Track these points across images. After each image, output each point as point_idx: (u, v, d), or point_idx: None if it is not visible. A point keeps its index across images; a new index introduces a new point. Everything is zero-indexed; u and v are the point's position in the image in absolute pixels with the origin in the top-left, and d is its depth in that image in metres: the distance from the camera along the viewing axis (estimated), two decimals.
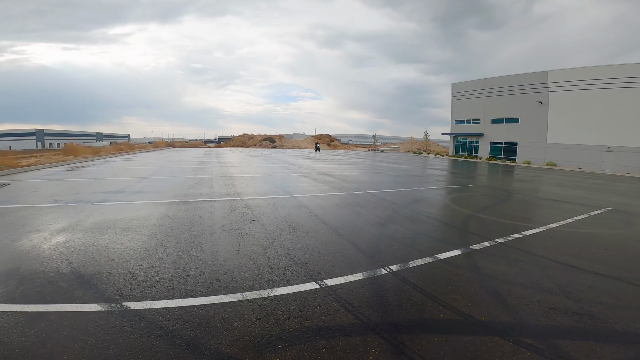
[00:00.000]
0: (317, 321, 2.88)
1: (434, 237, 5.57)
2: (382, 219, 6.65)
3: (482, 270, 4.18)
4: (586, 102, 29.78)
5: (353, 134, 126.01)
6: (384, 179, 13.95)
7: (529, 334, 2.76)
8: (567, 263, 4.51)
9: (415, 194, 10.03)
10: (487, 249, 5.01)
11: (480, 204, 8.95)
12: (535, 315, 3.08)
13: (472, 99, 41.27)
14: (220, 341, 2.55)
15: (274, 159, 24.66)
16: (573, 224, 6.86)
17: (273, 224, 6.06)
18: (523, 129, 35.38)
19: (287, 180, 12.32)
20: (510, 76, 36.91)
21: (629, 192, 13.16)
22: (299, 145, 59.65)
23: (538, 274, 4.11)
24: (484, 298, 3.42)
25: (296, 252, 4.59)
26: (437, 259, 4.51)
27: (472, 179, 15.30)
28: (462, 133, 42.93)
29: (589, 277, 4.06)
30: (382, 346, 2.56)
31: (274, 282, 3.62)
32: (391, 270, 4.08)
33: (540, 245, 5.29)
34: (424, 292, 3.51)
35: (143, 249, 4.56)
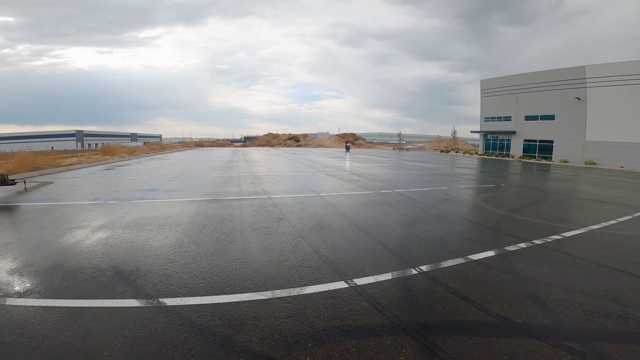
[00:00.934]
0: (347, 320, 2.86)
1: (465, 238, 5.42)
2: (411, 219, 6.55)
3: (519, 272, 4.02)
4: (627, 97, 27.86)
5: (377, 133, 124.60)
6: (411, 178, 13.71)
7: (570, 337, 2.64)
8: (610, 265, 4.26)
9: (444, 193, 9.78)
10: (523, 250, 4.81)
11: (514, 203, 8.60)
12: (576, 318, 2.94)
13: (503, 95, 39.69)
14: (251, 339, 2.58)
15: (299, 157, 24.85)
16: (616, 225, 6.45)
17: (301, 222, 6.11)
18: (559, 126, 33.63)
19: (313, 178, 12.39)
20: (544, 72, 35.16)
21: None
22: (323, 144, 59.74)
23: (579, 276, 3.91)
24: (520, 300, 3.29)
25: (324, 251, 4.60)
26: (470, 260, 4.38)
27: (504, 178, 14.72)
28: (493, 131, 41.40)
29: (634, 280, 3.83)
30: (414, 347, 2.51)
31: (304, 281, 3.63)
32: (421, 270, 4.00)
33: (581, 247, 5.01)
34: (456, 293, 3.42)
35: (177, 246, 4.73)
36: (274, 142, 58.13)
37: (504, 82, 39.77)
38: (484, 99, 42.81)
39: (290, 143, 56.62)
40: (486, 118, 42.73)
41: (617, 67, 28.92)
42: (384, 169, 17.10)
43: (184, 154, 31.41)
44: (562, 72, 33.36)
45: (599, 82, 30.07)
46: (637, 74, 27.44)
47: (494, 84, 41.22)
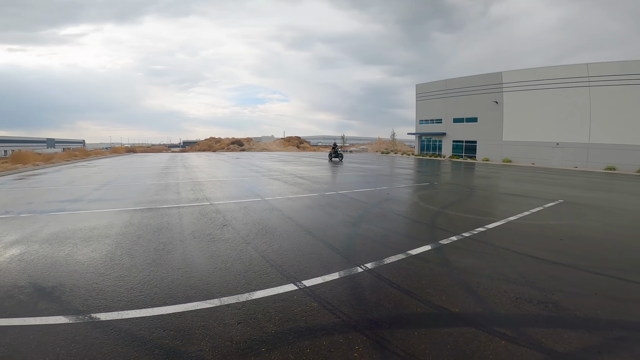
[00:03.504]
0: (299, 322, 2.89)
1: (405, 234, 5.74)
2: (354, 219, 6.76)
3: (452, 264, 4.37)
4: (536, 100, 32.04)
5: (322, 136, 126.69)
6: (353, 179, 14.17)
7: (501, 323, 2.92)
8: (527, 254, 4.81)
9: (384, 193, 10.28)
10: (455, 243, 5.24)
11: (445, 200, 9.35)
12: (504, 305, 3.26)
13: (435, 99, 43.00)
14: (201, 348, 2.50)
15: (243, 162, 24.24)
16: (530, 216, 7.35)
17: (246, 227, 5.97)
18: (481, 128, 37.38)
19: (257, 183, 12.17)
20: (469, 77, 38.88)
21: (578, 184, 14.31)
22: (268, 148, 59.04)
23: (503, 265, 4.35)
24: (455, 290, 3.58)
25: (271, 255, 4.56)
26: (409, 255, 4.66)
27: (436, 177, 15.93)
28: (427, 132, 44.57)
29: (548, 266, 4.35)
30: (365, 343, 2.61)
31: (252, 286, 3.58)
32: (367, 268, 4.16)
33: (503, 238, 5.61)
34: (399, 288, 3.61)
35: (108, 259, 4.33)
36: (216, 147, 55.86)
37: (435, 86, 43.13)
38: (418, 103, 45.93)
39: (234, 147, 54.89)
40: (421, 120, 45.88)
41: (528, 73, 33.09)
42: (328, 171, 17.45)
43: (113, 160, 28.71)
44: (483, 77, 37.20)
45: (513, 87, 34.10)
46: (543, 79, 31.68)
47: (427, 88, 44.48)
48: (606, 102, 27.95)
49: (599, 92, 28.27)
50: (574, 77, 29.60)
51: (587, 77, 28.83)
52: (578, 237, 5.83)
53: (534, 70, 32.64)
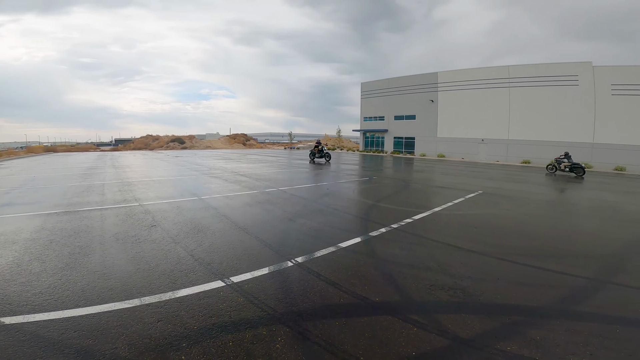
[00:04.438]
0: (223, 317, 2.91)
1: (338, 228, 5.95)
2: (291, 214, 6.83)
3: (378, 255, 4.64)
4: (466, 99, 34.98)
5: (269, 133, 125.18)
6: (297, 175, 14.26)
7: (415, 311, 3.15)
8: (445, 242, 5.26)
9: (325, 188, 10.51)
10: (384, 235, 5.57)
11: (381, 194, 9.84)
12: (419, 293, 3.52)
13: (378, 97, 44.82)
14: (116, 346, 2.48)
15: (183, 160, 23.03)
16: (452, 207, 8.05)
17: (176, 227, 5.74)
18: (419, 125, 39.84)
19: (196, 182, 11.68)
20: (409, 77, 41.16)
21: (497, 177, 15.97)
22: (212, 145, 56.68)
23: (423, 254, 4.71)
24: (378, 280, 3.80)
25: (201, 254, 4.47)
26: (340, 248, 4.85)
27: (376, 172, 16.67)
28: (370, 129, 46.29)
29: (462, 254, 4.77)
30: (288, 334, 2.70)
31: (176, 285, 3.52)
32: (297, 262, 4.26)
33: (426, 228, 6.08)
34: (326, 280, 3.76)
35: (14, 265, 3.98)
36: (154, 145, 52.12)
37: (379, 85, 44.93)
38: (363, 100, 47.49)
39: (174, 145, 51.70)
40: (365, 118, 47.52)
41: (458, 74, 35.93)
42: (272, 168, 17.33)
43: (29, 161, 25.47)
44: (421, 77, 39.62)
45: (447, 87, 36.81)
46: (471, 80, 34.64)
47: (371, 86, 46.14)
48: (522, 101, 31.50)
49: (517, 92, 31.75)
50: (497, 79, 32.84)
51: (507, 79, 32.16)
52: (490, 225, 6.53)
53: (464, 71, 35.56)
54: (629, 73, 26.46)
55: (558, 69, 29.57)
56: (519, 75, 31.55)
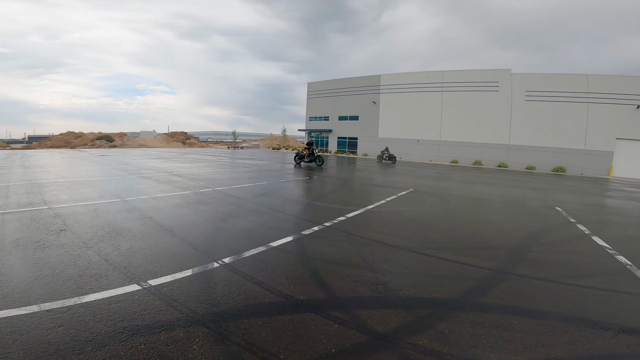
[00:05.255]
0: (136, 321, 2.76)
1: (271, 227, 5.87)
2: (224, 215, 6.59)
3: (308, 253, 4.65)
4: (404, 102, 37.06)
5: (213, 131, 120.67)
6: (236, 175, 13.84)
7: (338, 307, 3.18)
8: (373, 239, 5.46)
9: (263, 187, 10.34)
10: (316, 233, 5.61)
11: (318, 192, 9.96)
12: (343, 289, 3.57)
13: (324, 97, 45.47)
14: (10, 351, 2.31)
15: (109, 160, 21.04)
16: (384, 204, 8.43)
17: (90, 231, 5.20)
18: (362, 126, 41.25)
19: (121, 183, 10.72)
20: (354, 78, 42.37)
21: (428, 175, 17.15)
22: (147, 144, 52.62)
23: (351, 251, 4.82)
24: (305, 278, 3.80)
25: (116, 258, 4.13)
26: (270, 247, 4.78)
27: (317, 171, 16.87)
28: (315, 129, 46.79)
29: (386, 249, 4.97)
30: (207, 335, 2.61)
31: (84, 290, 3.26)
32: (223, 262, 4.12)
33: (357, 225, 6.27)
34: (252, 280, 3.67)
35: None
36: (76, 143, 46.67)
37: (325, 85, 45.58)
38: (309, 100, 47.82)
39: (101, 144, 46.88)
40: (310, 117, 47.92)
41: (399, 77, 37.89)
42: (211, 168, 16.62)
43: None
44: (364, 79, 41.01)
45: (388, 89, 38.58)
46: (409, 83, 36.74)
47: (318, 87, 46.62)
48: (452, 105, 34.25)
49: (448, 96, 34.43)
50: (432, 83, 35.27)
51: (441, 83, 34.71)
52: (415, 220, 6.95)
53: (404, 74, 37.62)
54: (540, 80, 30.22)
55: (482, 75, 32.68)
56: (450, 80, 34.25)
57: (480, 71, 32.96)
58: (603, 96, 28.12)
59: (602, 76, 28.40)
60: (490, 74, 32.34)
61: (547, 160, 29.76)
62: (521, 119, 30.99)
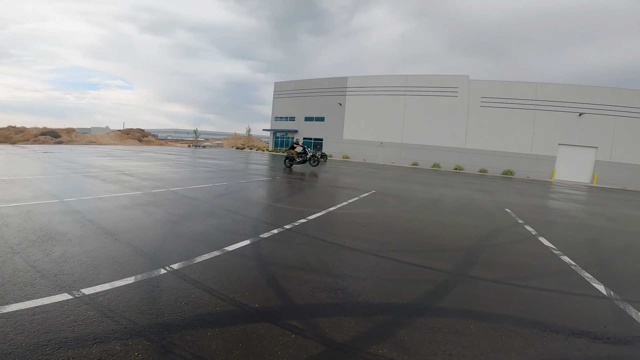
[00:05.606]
0: (64, 333, 2.48)
1: (228, 230, 5.57)
2: (177, 217, 6.18)
3: (266, 258, 4.43)
4: (369, 104, 37.78)
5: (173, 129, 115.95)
6: (194, 175, 13.22)
7: (295, 316, 3.01)
8: (333, 242, 5.34)
9: (222, 188, 9.92)
10: (275, 236, 5.40)
11: (280, 194, 9.74)
12: (301, 296, 3.39)
13: (291, 98, 45.19)
14: None
15: (53, 157, 19.26)
16: (346, 206, 8.40)
17: (19, 235, 4.61)
18: (327, 127, 41.49)
19: (62, 182, 9.78)
20: (321, 79, 42.50)
21: (390, 177, 17.52)
22: (98, 141, 49.03)
23: (310, 254, 4.66)
24: (261, 285, 3.58)
25: (47, 264, 3.69)
26: (225, 252, 4.50)
27: (281, 172, 16.61)
28: (281, 129, 46.37)
29: (347, 252, 4.86)
30: (148, 348, 2.37)
31: (4, 300, 2.90)
32: (172, 269, 3.80)
33: (319, 228, 6.14)
34: (203, 287, 3.40)
35: None
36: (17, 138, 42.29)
37: (292, 85, 45.29)
38: (276, 100, 47.27)
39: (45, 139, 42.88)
40: (276, 117, 47.39)
41: (365, 80, 38.52)
42: (167, 167, 15.76)
43: None
44: (332, 80, 41.25)
45: (354, 91, 39.08)
46: (374, 86, 37.47)
47: (285, 87, 46.20)
48: (415, 108, 35.44)
49: (411, 100, 35.58)
50: (396, 86, 36.26)
51: (405, 87, 35.78)
52: (376, 222, 6.96)
53: (370, 77, 38.33)
54: (494, 87, 32.13)
55: (443, 81, 34.17)
56: (413, 84, 35.46)
57: (441, 77, 34.46)
58: (549, 104, 30.52)
59: (549, 84, 30.83)
60: (450, 79, 33.91)
61: (498, 164, 31.70)
62: (477, 124, 32.78)
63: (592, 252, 5.91)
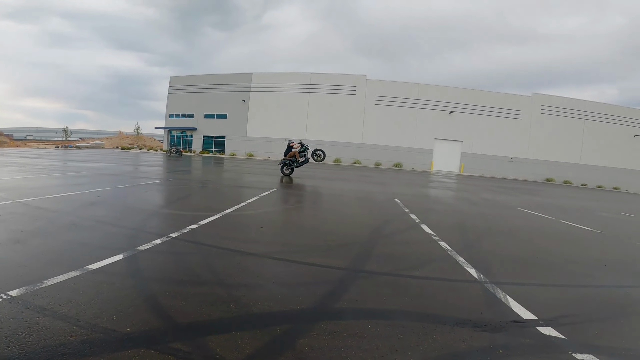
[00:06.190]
0: None
1: (95, 245, 4.61)
2: (24, 234, 4.88)
3: (143, 273, 3.77)
4: (274, 101, 37.57)
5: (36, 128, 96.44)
6: (58, 181, 10.95)
7: (179, 337, 2.57)
8: (227, 247, 4.89)
9: (94, 196, 8.39)
10: (157, 247, 4.69)
11: (170, 198, 8.77)
12: (187, 314, 2.93)
13: (190, 93, 41.82)
14: None
15: None
16: (245, 206, 7.98)
17: None
18: (230, 124, 39.81)
19: None
20: (224, 75, 40.31)
21: (294, 173, 17.60)
22: None
23: (199, 264, 4.16)
24: (135, 305, 2.98)
25: None
26: (87, 271, 3.66)
27: (176, 173, 15.12)
28: (178, 127, 42.69)
29: (241, 258, 4.47)
30: None
31: None
32: (9, 296, 2.96)
33: (211, 233, 5.59)
34: (54, 314, 2.70)
35: None
36: None
37: (191, 80, 41.86)
38: (171, 96, 43.18)
39: None
40: (171, 114, 43.35)
41: (272, 76, 38.03)
42: (22, 174, 12.73)
43: None
44: (236, 76, 39.54)
45: (259, 88, 38.21)
46: (280, 83, 37.33)
47: (182, 81, 42.41)
48: (317, 106, 36.66)
49: (314, 97, 36.63)
50: (301, 84, 36.83)
51: (309, 85, 36.58)
52: (276, 222, 6.77)
53: (275, 74, 38.03)
54: (386, 86, 35.41)
55: (344, 79, 36.13)
56: (317, 82, 36.55)
57: (342, 75, 36.40)
58: (427, 102, 35.20)
59: (427, 85, 35.54)
60: (350, 78, 36.10)
61: (390, 157, 35.22)
62: (372, 120, 35.74)
63: (463, 237, 6.68)
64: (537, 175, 36.23)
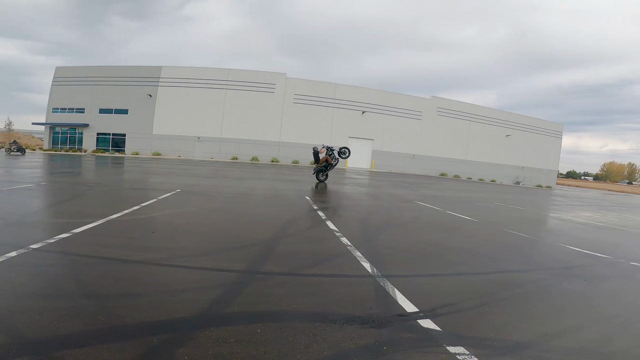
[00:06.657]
0: None
1: None
2: None
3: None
4: (186, 97, 35.00)
5: None
6: None
7: (26, 352, 2.22)
8: (105, 256, 4.34)
9: None
10: (10, 261, 3.91)
11: (40, 204, 7.47)
12: (40, 329, 2.53)
13: (80, 86, 36.26)
14: None
15: None
16: (137, 210, 7.21)
17: None
18: (132, 120, 35.84)
19: None
20: (125, 67, 36.03)
21: (203, 174, 16.69)
22: None
23: (65, 276, 3.63)
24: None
25: None
26: None
27: (55, 175, 12.97)
28: (63, 123, 36.80)
29: (122, 267, 4.03)
30: None
31: None
32: None
33: (86, 241, 4.90)
34: None
35: None
36: None
37: (83, 72, 36.34)
38: (56, 88, 36.93)
39: None
40: (55, 109, 37.15)
41: (185, 71, 35.18)
42: None
43: None
44: (141, 69, 35.53)
45: (169, 82, 35.02)
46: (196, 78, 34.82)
47: (71, 72, 36.56)
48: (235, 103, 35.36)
49: (232, 94, 35.20)
50: (217, 80, 34.98)
51: (226, 81, 34.92)
52: (171, 226, 6.24)
53: (188, 69, 35.32)
54: (305, 85, 35.92)
55: (263, 77, 35.52)
56: (235, 78, 35.17)
57: (261, 73, 35.75)
58: (343, 102, 36.92)
59: (343, 85, 37.35)
60: (269, 76, 35.68)
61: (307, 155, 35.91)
62: (290, 118, 35.98)
63: (364, 232, 7.00)
64: (434, 170, 41.06)
